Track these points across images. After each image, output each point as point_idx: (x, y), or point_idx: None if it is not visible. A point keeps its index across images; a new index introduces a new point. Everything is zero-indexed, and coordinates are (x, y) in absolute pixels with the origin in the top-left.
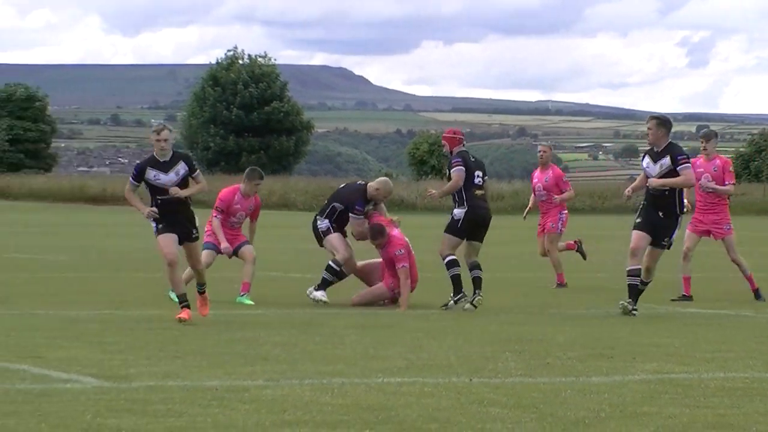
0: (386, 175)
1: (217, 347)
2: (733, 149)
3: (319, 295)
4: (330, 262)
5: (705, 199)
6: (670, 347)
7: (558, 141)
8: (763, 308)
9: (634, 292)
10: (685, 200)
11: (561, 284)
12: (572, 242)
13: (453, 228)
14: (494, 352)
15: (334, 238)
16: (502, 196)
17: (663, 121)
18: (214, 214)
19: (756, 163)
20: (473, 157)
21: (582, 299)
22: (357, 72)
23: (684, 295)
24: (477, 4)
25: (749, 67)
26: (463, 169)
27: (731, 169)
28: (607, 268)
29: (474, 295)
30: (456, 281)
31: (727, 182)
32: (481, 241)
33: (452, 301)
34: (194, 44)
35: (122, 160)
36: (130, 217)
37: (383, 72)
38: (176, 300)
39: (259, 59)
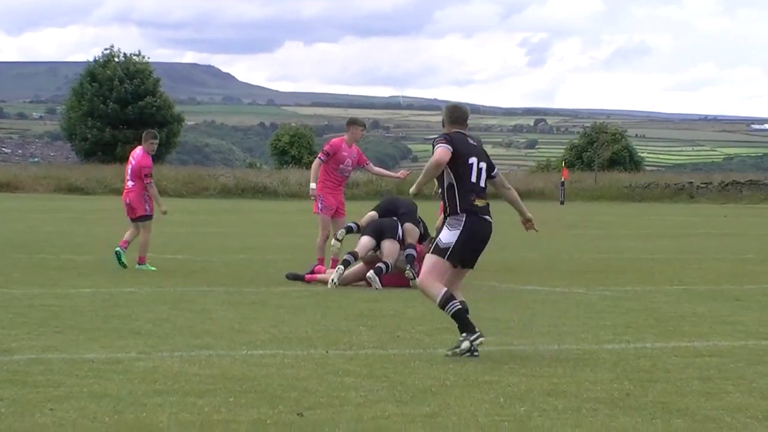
0: (250, 165)
1: (94, 322)
2: (567, 140)
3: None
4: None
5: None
6: (510, 322)
7: (408, 133)
8: (593, 286)
9: None
10: None
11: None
12: None
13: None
14: (349, 326)
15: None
16: (357, 183)
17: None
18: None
19: (588, 153)
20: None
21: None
22: (224, 69)
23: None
24: (335, 6)
25: (583, 67)
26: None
27: None
28: None
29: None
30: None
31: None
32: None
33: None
34: (74, 43)
35: (5, 150)
36: (15, 203)
37: (248, 70)
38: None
39: (134, 57)
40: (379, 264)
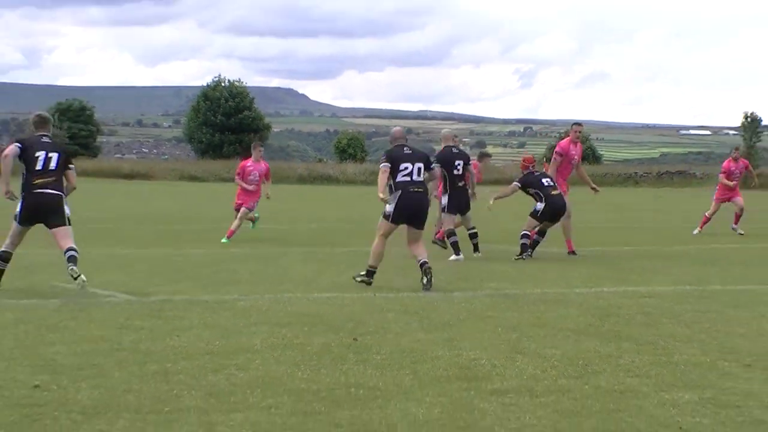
0: (319, 160)
1: (207, 274)
2: (547, 142)
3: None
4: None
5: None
6: (505, 272)
7: (433, 137)
8: (550, 245)
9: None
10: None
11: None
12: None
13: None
14: (389, 276)
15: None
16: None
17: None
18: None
19: None
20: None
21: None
22: (300, 91)
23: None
24: (380, 45)
25: (560, 88)
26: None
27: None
28: None
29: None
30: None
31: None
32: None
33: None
34: (193, 73)
35: (144, 150)
36: (152, 187)
37: (318, 91)
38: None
39: (235, 83)
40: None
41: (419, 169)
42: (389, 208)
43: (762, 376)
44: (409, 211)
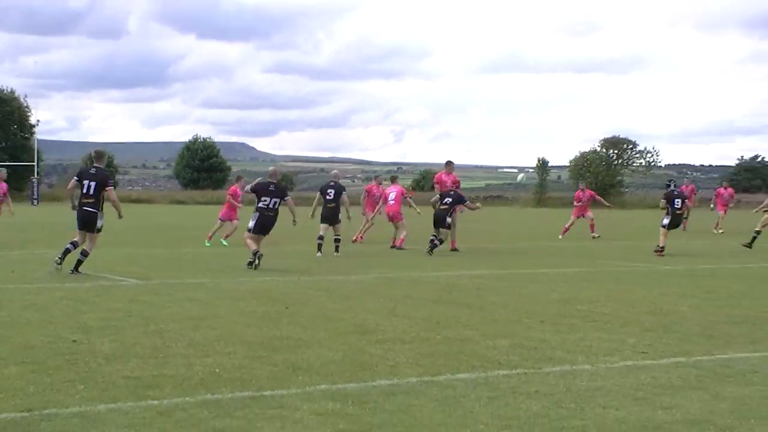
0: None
1: (189, 266)
2: (411, 178)
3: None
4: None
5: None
6: (388, 262)
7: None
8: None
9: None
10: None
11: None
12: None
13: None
14: (309, 262)
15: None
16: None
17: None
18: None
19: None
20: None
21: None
22: (250, 144)
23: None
24: (303, 114)
25: (421, 142)
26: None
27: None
28: None
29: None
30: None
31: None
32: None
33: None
34: (180, 133)
35: (147, 184)
36: (148, 209)
37: (262, 145)
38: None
39: (207, 139)
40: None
41: (275, 201)
42: (251, 223)
43: (551, 329)
44: (264, 226)
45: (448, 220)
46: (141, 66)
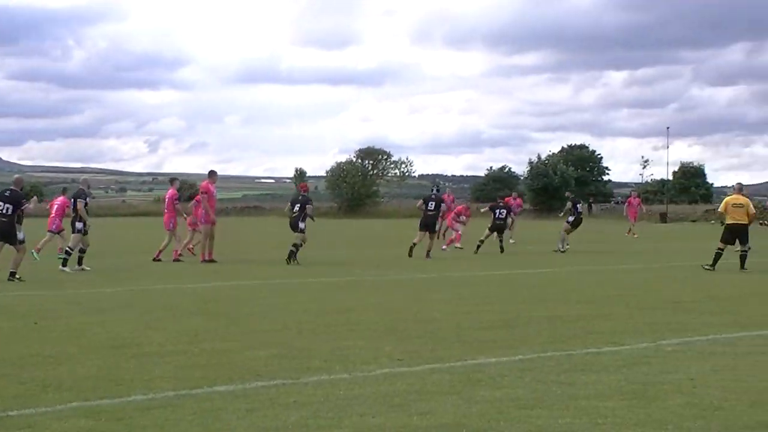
0: None
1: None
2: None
3: None
4: None
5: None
6: (175, 272)
7: None
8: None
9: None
10: None
11: None
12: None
13: None
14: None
15: None
16: None
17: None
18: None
19: None
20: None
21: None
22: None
23: None
24: (54, 123)
25: (176, 152)
26: None
27: None
28: None
29: None
30: None
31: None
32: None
33: None
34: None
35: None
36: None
37: (8, 155)
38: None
39: None
40: None
41: (8, 207)
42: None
43: (310, 337)
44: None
45: (301, 225)
46: None
